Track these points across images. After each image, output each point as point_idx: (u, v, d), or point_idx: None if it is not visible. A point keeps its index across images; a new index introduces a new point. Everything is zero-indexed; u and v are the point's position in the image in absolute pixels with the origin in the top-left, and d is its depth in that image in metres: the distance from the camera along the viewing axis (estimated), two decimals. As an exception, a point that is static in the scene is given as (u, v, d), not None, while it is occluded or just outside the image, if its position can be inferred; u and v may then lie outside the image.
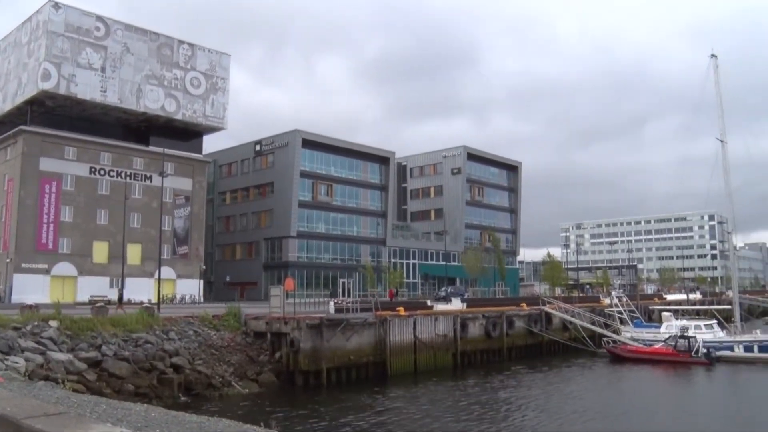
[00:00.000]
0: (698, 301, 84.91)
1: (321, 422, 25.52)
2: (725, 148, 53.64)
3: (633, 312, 57.93)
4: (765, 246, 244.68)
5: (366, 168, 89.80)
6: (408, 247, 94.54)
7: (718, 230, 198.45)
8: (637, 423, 26.78)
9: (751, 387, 37.85)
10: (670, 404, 32.21)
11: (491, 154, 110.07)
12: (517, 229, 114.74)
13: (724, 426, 26.69)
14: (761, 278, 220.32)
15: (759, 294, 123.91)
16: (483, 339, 47.51)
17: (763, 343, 46.66)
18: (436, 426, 25.27)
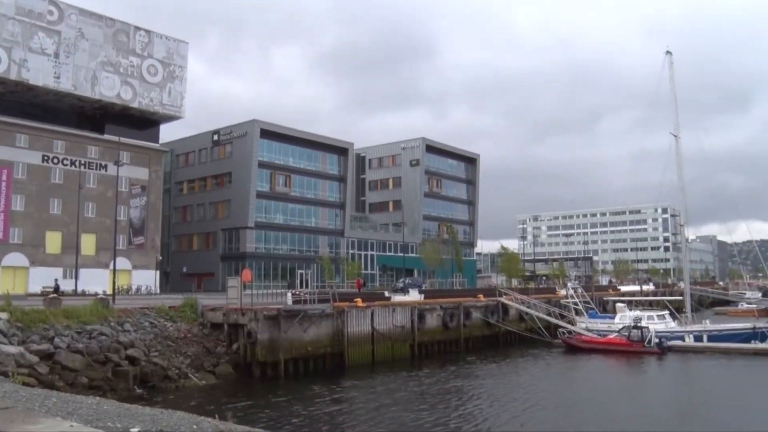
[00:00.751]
0: (651, 292, 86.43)
1: (278, 413, 25.42)
2: (679, 143, 54.58)
3: (588, 303, 58.76)
4: (715, 239, 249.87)
5: (324, 159, 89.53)
6: (366, 238, 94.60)
7: (671, 223, 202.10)
8: (591, 411, 27.15)
9: (700, 375, 38.71)
10: (622, 393, 32.81)
11: (450, 147, 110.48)
12: (474, 221, 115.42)
13: (674, 412, 27.22)
14: (711, 270, 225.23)
15: (709, 285, 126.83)
16: (440, 330, 47.80)
17: (711, 333, 47.86)
18: (393, 416, 25.33)
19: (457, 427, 23.53)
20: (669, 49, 55.77)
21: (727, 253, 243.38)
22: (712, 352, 44.51)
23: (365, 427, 23.64)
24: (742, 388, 32.79)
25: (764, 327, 47.51)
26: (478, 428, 23.47)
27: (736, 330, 48.24)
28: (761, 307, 72.74)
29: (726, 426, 23.77)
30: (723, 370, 39.20)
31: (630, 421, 25.08)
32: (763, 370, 39.02)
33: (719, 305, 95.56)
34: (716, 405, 28.48)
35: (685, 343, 46.54)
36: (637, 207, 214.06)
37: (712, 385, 35.01)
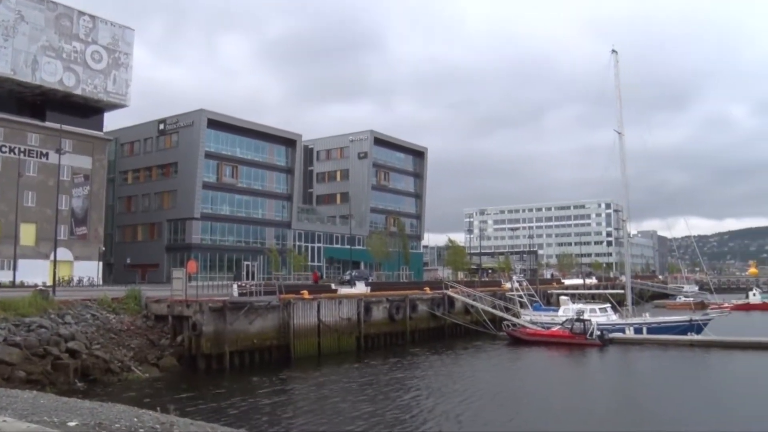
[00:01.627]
0: (594, 285, 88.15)
1: (222, 406, 25.27)
2: (622, 140, 55.65)
3: (532, 296, 59.69)
4: (656, 234, 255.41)
5: (272, 150, 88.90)
6: (313, 230, 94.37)
7: (613, 218, 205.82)
8: (527, 402, 27.56)
9: (639, 366, 39.62)
10: (564, 384, 33.37)
11: (398, 139, 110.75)
12: (421, 214, 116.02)
13: (612, 403, 27.83)
14: (652, 264, 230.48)
15: (649, 279, 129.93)
16: (386, 322, 48.01)
17: (651, 326, 49.25)
18: (334, 408, 25.41)
19: (394, 418, 23.74)
20: (614, 47, 56.87)
21: (666, 247, 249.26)
22: (651, 343, 45.78)
23: (306, 419, 23.69)
24: (679, 379, 33.66)
25: (700, 319, 49.12)
26: (414, 420, 23.67)
27: (674, 322, 49.69)
28: (697, 301, 74.87)
29: (664, 416, 24.38)
30: (661, 361, 40.19)
31: (567, 412, 25.51)
32: (698, 361, 40.13)
33: (659, 298, 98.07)
34: (654, 396, 29.17)
35: (625, 336, 47.70)
36: (582, 202, 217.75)
37: (650, 376, 35.84)
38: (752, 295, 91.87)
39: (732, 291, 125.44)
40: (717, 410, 25.41)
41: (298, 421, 23.33)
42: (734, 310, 67.77)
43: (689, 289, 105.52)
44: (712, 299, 69.58)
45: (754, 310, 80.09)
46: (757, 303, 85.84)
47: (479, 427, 22.92)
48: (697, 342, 44.72)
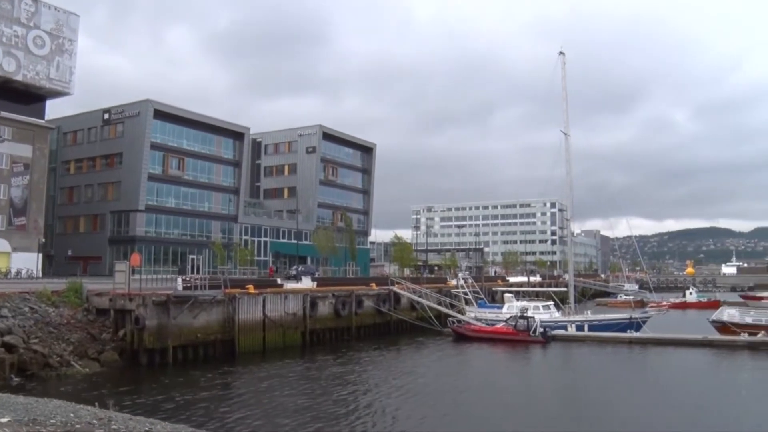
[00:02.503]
0: (537, 283, 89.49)
1: (164, 401, 25.02)
2: (568, 140, 56.56)
3: (477, 293, 60.30)
4: (599, 233, 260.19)
5: (219, 143, 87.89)
6: (260, 224, 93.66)
7: (558, 217, 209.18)
8: (476, 398, 27.90)
9: (580, 362, 40.40)
10: (506, 380, 33.85)
11: (346, 135, 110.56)
12: (369, 209, 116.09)
13: (555, 397, 28.33)
14: (594, 263, 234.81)
15: (592, 278, 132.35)
16: (332, 318, 48.05)
17: (592, 323, 50.33)
18: (275, 403, 25.40)
19: (333, 413, 23.89)
20: (560, 48, 57.66)
21: (609, 247, 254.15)
22: (591, 340, 46.79)
23: (247, 413, 23.64)
24: (618, 375, 34.45)
25: (639, 317, 50.37)
26: (352, 415, 23.81)
27: (615, 320, 50.90)
28: (637, 299, 76.66)
29: (604, 412, 24.91)
30: (601, 357, 41.07)
31: (507, 408, 25.88)
32: (636, 357, 41.14)
33: (600, 296, 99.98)
34: (594, 391, 29.80)
35: (567, 333, 48.64)
36: (528, 201, 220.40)
37: (590, 372, 36.65)
38: (689, 294, 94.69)
39: (670, 290, 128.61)
40: (654, 405, 26.02)
41: (239, 415, 23.25)
42: (672, 308, 69.38)
43: (630, 287, 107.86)
44: (651, 298, 71.26)
45: (690, 308, 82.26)
46: (693, 302, 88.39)
47: (418, 422, 23.08)
48: (635, 339, 45.88)
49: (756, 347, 41.79)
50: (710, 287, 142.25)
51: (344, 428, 21.79)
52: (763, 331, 44.55)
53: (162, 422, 11.70)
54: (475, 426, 22.91)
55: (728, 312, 51.35)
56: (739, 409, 25.15)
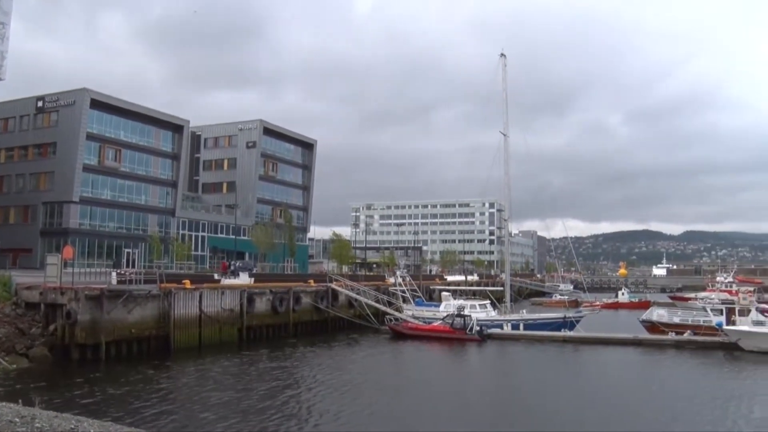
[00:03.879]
0: (475, 282, 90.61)
1: (94, 397, 24.60)
2: (507, 141, 57.32)
3: (415, 291, 60.74)
4: (536, 234, 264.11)
5: (158, 135, 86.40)
6: (198, 219, 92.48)
7: (496, 217, 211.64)
8: (412, 395, 28.10)
9: (515, 361, 41.03)
10: (441, 377, 34.20)
11: (287, 131, 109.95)
12: (308, 206, 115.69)
13: (488, 394, 28.74)
14: (531, 263, 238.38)
15: (528, 277, 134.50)
16: (269, 314, 47.81)
17: (527, 322, 51.25)
18: (211, 400, 25.19)
19: (261, 408, 23.90)
20: (502, 50, 58.40)
21: (545, 247, 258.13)
22: (527, 339, 47.64)
23: (178, 410, 23.52)
24: (551, 373, 35.08)
25: (573, 317, 51.52)
26: (284, 411, 23.86)
27: (549, 319, 51.94)
28: (571, 299, 78.19)
29: (537, 409, 25.37)
30: (535, 356, 41.77)
31: (441, 406, 26.13)
32: (570, 355, 42.01)
33: (536, 296, 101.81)
34: (527, 388, 30.32)
35: (503, 331, 49.38)
36: (467, 201, 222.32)
37: (525, 370, 37.29)
38: (621, 294, 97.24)
39: (603, 290, 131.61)
40: (581, 403, 26.63)
41: (170, 412, 23.07)
42: (604, 308, 71.07)
43: (565, 287, 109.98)
44: (585, 298, 72.72)
45: (622, 308, 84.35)
46: (625, 302, 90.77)
47: (337, 418, 23.10)
48: (569, 338, 46.90)
49: (682, 346, 43.39)
50: (641, 288, 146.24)
51: (268, 424, 21.74)
52: (689, 331, 46.31)
53: (89, 419, 11.47)
54: (399, 424, 23.06)
55: (657, 312, 52.96)
56: (653, 406, 25.95)
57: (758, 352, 39.93)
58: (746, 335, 41.33)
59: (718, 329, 43.87)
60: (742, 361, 38.32)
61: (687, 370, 36.41)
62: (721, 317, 45.96)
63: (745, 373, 35.10)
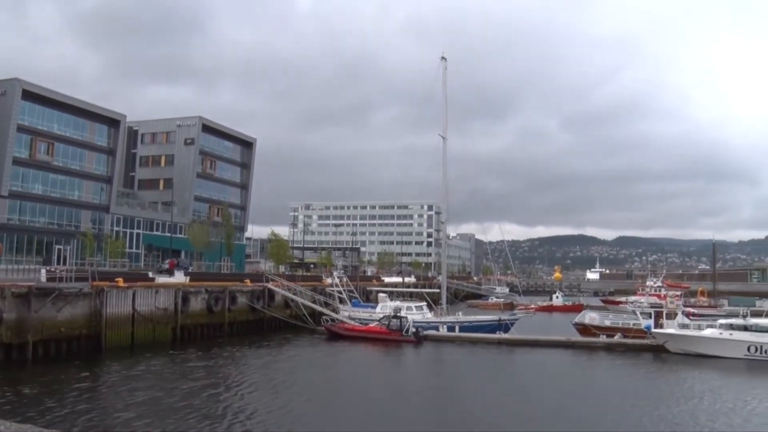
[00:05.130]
0: (412, 284, 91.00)
1: (16, 399, 24.03)
2: (446, 144, 57.79)
3: (352, 292, 60.75)
4: (473, 237, 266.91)
5: (93, 129, 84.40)
6: (133, 215, 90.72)
7: (434, 219, 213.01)
8: (347, 396, 28.13)
9: (450, 362, 41.37)
10: (375, 378, 34.33)
11: (227, 128, 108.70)
12: (246, 205, 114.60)
13: (423, 395, 28.89)
14: (468, 265, 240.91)
15: (464, 280, 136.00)
16: (204, 314, 47.33)
17: (463, 324, 51.87)
18: (140, 400, 24.83)
19: (180, 408, 23.75)
20: (443, 53, 58.88)
21: (482, 250, 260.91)
22: (462, 341, 48.15)
23: (102, 409, 23.29)
24: (486, 375, 35.54)
25: (508, 319, 52.34)
26: (215, 411, 23.69)
27: (485, 321, 52.63)
28: (507, 302, 79.33)
29: (472, 411, 25.63)
30: (471, 358, 42.28)
31: (374, 407, 26.15)
32: (504, 357, 42.65)
33: (472, 298, 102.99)
34: (461, 390, 30.59)
35: (439, 333, 49.82)
36: (405, 202, 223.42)
37: (460, 372, 37.67)
38: (555, 297, 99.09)
39: (539, 293, 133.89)
40: (517, 403, 27.03)
41: (95, 413, 22.82)
42: (539, 311, 72.48)
43: (500, 290, 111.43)
44: (520, 301, 73.92)
45: (556, 311, 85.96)
46: (559, 305, 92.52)
47: (269, 418, 23.05)
48: (504, 340, 47.62)
49: (612, 348, 44.51)
50: (575, 291, 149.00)
51: (181, 424, 21.53)
52: (619, 333, 47.63)
53: (7, 422, 11.20)
54: (313, 422, 23.05)
55: (589, 315, 54.21)
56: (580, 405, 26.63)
57: (683, 354, 41.27)
58: (672, 338, 42.65)
59: (647, 332, 45.21)
60: (667, 363, 39.58)
61: (615, 371, 37.40)
62: (649, 320, 47.42)
63: (669, 374, 36.27)
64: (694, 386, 32.13)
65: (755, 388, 31.74)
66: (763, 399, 28.66)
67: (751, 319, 43.16)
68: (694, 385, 32.35)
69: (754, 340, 40.55)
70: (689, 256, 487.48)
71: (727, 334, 41.42)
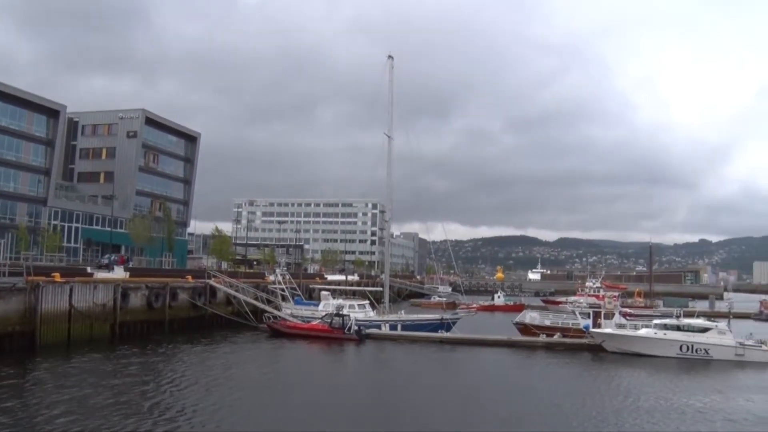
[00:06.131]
0: (355, 282, 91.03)
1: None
2: (391, 143, 57.91)
3: (295, 290, 60.49)
4: (417, 236, 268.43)
5: (31, 119, 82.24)
6: (72, 209, 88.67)
7: (378, 218, 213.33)
8: (282, 394, 27.92)
9: (392, 360, 41.50)
10: (317, 377, 34.17)
11: (170, 122, 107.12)
12: (190, 200, 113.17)
13: (362, 394, 28.94)
14: (411, 264, 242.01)
15: (407, 279, 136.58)
16: (145, 310, 46.59)
17: (405, 323, 52.15)
18: (71, 397, 24.32)
19: (107, 405, 23.40)
20: (390, 52, 58.99)
21: (425, 249, 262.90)
22: (404, 340, 48.38)
23: (28, 408, 22.69)
24: (427, 374, 35.75)
25: (450, 318, 52.77)
26: (153, 410, 23.27)
27: (427, 320, 53.02)
28: (449, 301, 79.87)
29: (411, 410, 25.69)
30: (412, 356, 42.43)
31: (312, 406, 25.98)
32: (446, 356, 42.89)
33: (415, 297, 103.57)
34: (402, 389, 30.65)
35: (381, 332, 49.94)
36: (350, 201, 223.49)
37: (400, 369, 37.80)
38: (497, 297, 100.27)
39: (481, 293, 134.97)
40: (456, 401, 27.20)
41: (21, 412, 22.11)
42: (481, 310, 73.08)
43: (443, 289, 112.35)
44: (462, 300, 74.43)
45: (497, 311, 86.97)
46: (500, 305, 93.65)
47: (211, 417, 22.79)
48: (446, 339, 48.00)
49: (552, 347, 45.32)
50: (517, 292, 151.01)
51: (104, 422, 21.07)
52: (559, 333, 48.53)
53: None
54: (256, 423, 22.72)
55: (530, 315, 54.99)
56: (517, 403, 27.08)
57: (620, 353, 42.29)
58: (609, 337, 43.66)
59: (585, 332, 46.10)
60: (603, 362, 40.52)
61: (553, 370, 38.01)
62: (588, 320, 48.46)
63: (604, 372, 37.02)
64: (621, 384, 32.82)
65: (677, 386, 32.68)
66: (683, 396, 29.51)
67: (683, 320, 44.54)
68: (622, 383, 33.07)
69: (685, 340, 41.93)
70: (627, 257, 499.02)
71: (661, 334, 42.71)
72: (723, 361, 40.43)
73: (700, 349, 41.49)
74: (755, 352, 41.20)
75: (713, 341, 41.63)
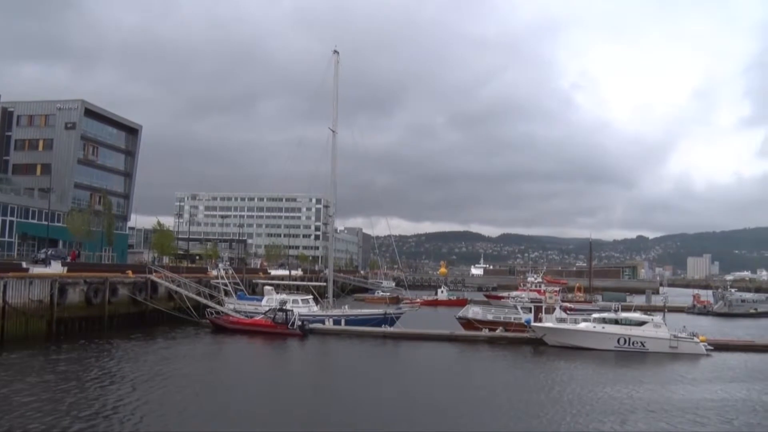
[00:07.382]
0: (298, 277, 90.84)
1: None
2: (335, 138, 57.83)
3: (238, 285, 60.02)
4: (361, 231, 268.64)
5: (-36, 110, 79.88)
6: (6, 202, 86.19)
7: (322, 213, 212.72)
8: (221, 390, 27.68)
9: (335, 356, 41.64)
10: (258, 372, 34.08)
11: (111, 113, 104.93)
12: (130, 193, 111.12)
13: (306, 390, 28.90)
14: (355, 259, 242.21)
15: (351, 274, 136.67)
16: (83, 306, 45.68)
17: (349, 318, 52.36)
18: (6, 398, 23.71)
19: (37, 401, 23.00)
20: (336, 48, 58.90)
21: (369, 244, 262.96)
22: (348, 334, 48.55)
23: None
24: (371, 369, 35.91)
25: (393, 313, 53.06)
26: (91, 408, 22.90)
27: (370, 315, 53.27)
28: (393, 295, 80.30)
29: (355, 405, 25.79)
30: (356, 351, 42.62)
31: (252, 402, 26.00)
32: (389, 351, 43.23)
33: (359, 292, 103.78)
34: (346, 384, 30.71)
35: (325, 326, 49.97)
36: (294, 195, 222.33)
37: (344, 363, 37.89)
38: (440, 292, 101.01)
39: (424, 288, 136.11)
40: (396, 397, 27.32)
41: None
42: (424, 305, 73.68)
43: (387, 284, 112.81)
44: (406, 295, 74.87)
45: (441, 305, 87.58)
46: (444, 299, 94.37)
47: (145, 415, 22.44)
48: (389, 334, 48.31)
49: (494, 341, 46.12)
50: (460, 287, 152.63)
51: (25, 421, 20.65)
52: (501, 327, 49.29)
53: None
54: (191, 421, 22.41)
55: (473, 309, 55.62)
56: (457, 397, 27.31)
57: (560, 346, 43.14)
58: (550, 331, 44.50)
59: (527, 326, 46.80)
60: (544, 355, 41.44)
61: (493, 363, 38.69)
62: (529, 315, 49.23)
63: (543, 366, 37.91)
64: (556, 377, 33.40)
65: (611, 378, 33.70)
66: (616, 386, 30.35)
67: (621, 314, 45.76)
68: (558, 376, 33.66)
69: (623, 333, 43.01)
70: (568, 253, 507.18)
71: (600, 328, 43.71)
72: (658, 354, 41.57)
73: (636, 342, 42.62)
74: (688, 344, 42.48)
75: (649, 334, 42.83)
